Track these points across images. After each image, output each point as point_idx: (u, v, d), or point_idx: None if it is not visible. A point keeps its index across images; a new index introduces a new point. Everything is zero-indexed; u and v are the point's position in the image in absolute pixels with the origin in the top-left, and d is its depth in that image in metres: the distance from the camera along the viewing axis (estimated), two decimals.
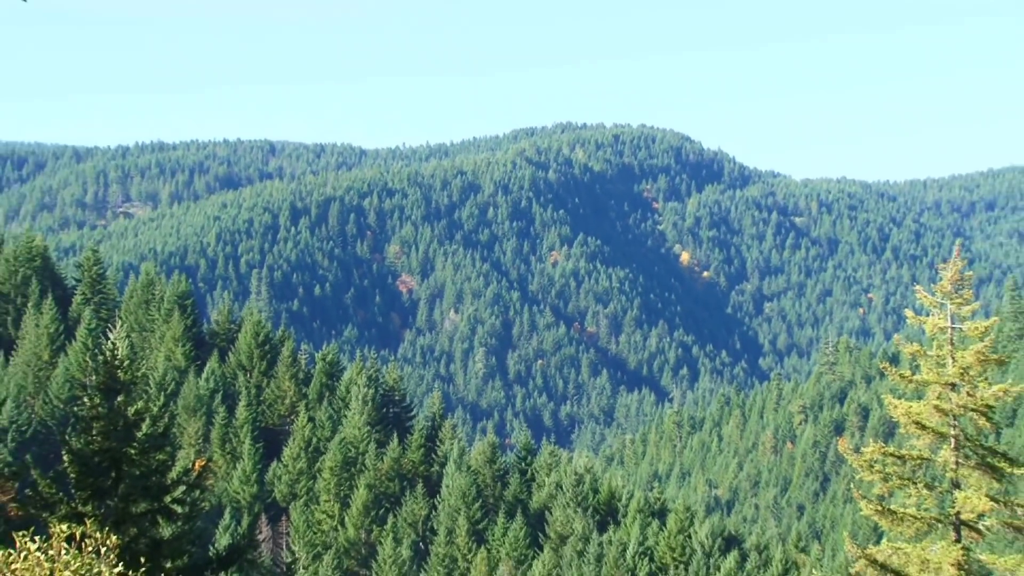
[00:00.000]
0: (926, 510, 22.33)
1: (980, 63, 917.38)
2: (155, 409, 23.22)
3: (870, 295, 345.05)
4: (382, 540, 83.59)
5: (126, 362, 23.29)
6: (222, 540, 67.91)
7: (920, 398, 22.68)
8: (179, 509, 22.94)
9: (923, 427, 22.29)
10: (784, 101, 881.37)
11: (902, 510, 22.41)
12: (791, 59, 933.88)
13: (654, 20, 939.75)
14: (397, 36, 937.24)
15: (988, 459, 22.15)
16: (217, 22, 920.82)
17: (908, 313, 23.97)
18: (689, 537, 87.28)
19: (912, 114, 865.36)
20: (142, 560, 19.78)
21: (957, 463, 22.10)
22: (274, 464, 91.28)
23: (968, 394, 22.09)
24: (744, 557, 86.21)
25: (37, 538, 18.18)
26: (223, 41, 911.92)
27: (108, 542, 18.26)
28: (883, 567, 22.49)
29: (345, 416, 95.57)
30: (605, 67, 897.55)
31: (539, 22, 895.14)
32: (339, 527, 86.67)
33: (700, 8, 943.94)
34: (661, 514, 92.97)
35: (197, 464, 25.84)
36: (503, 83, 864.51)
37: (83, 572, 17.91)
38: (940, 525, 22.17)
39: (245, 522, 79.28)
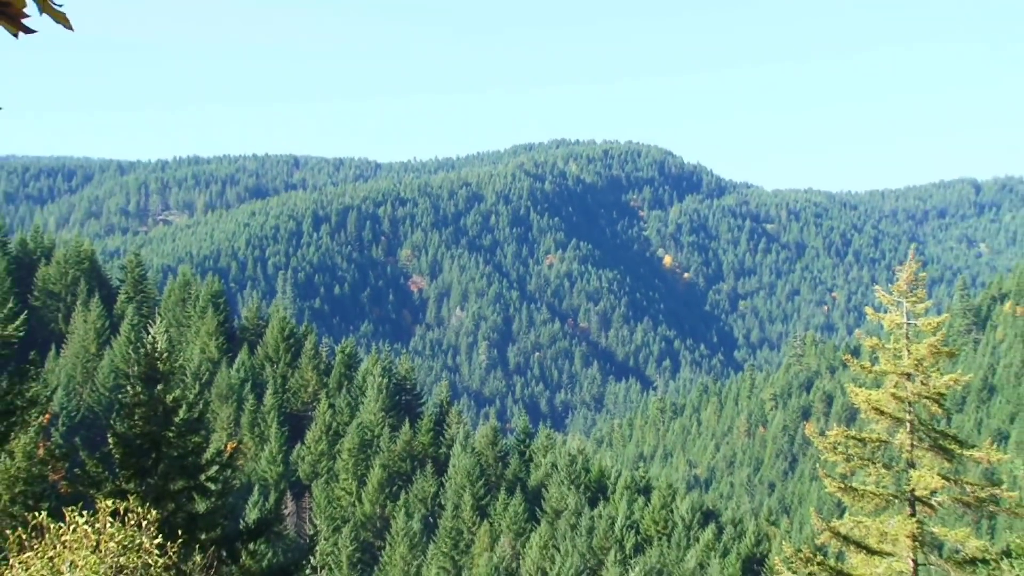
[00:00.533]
0: (884, 487, 22.40)
1: (933, 83, 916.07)
2: (191, 396, 23.28)
3: (834, 294, 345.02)
4: (395, 514, 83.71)
5: (165, 354, 23.40)
6: (251, 514, 67.92)
7: (879, 387, 22.76)
8: (212, 486, 23.02)
9: (881, 413, 22.38)
10: (757, 118, 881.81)
11: (862, 487, 22.49)
12: (764, 80, 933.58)
13: (640, 47, 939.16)
14: (408, 59, 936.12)
15: (940, 441, 22.23)
16: (247, 46, 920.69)
17: (868, 310, 24.06)
18: (671, 512, 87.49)
19: (871, 130, 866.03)
20: (179, 532, 19.93)
21: (912, 445, 22.17)
22: (298, 446, 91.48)
23: (922, 383, 22.18)
24: (720, 530, 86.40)
25: (85, 512, 18.31)
26: (253, 63, 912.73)
27: (148, 516, 18.39)
28: (845, 539, 22.59)
29: (362, 403, 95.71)
30: (596, 88, 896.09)
31: (537, 47, 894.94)
32: (356, 503, 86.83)
33: (682, 35, 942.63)
34: (646, 491, 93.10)
35: (229, 446, 25.95)
36: (504, 102, 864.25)
37: (126, 543, 18.02)
38: (896, 501, 22.25)
39: (272, 498, 79.36)
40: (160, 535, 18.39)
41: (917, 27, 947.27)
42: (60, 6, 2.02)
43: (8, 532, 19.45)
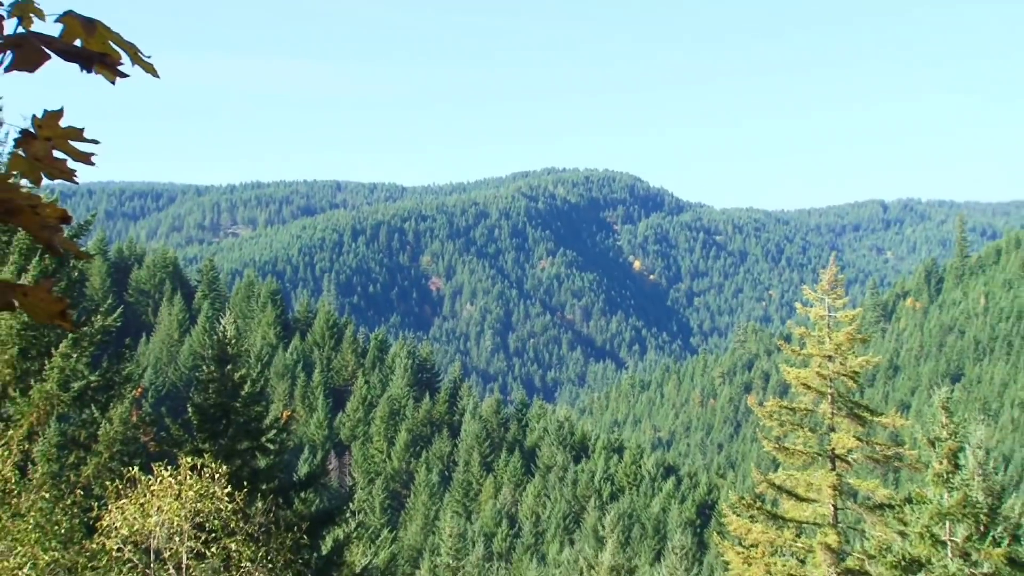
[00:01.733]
0: (810, 447, 22.41)
1: (850, 117, 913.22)
2: (254, 374, 23.29)
3: (770, 292, 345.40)
4: (418, 469, 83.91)
5: (233, 340, 23.42)
6: (302, 469, 67.94)
7: (806, 366, 22.76)
8: (271, 447, 23.04)
9: (808, 387, 22.39)
10: (709, 148, 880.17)
11: (793, 447, 22.49)
12: (716, 117, 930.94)
13: (615, 97, 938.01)
14: (430, 103, 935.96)
15: (854, 410, 22.23)
16: (299, 91, 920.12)
17: (798, 305, 24.05)
18: (639, 467, 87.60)
19: (801, 157, 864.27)
20: (244, 483, 19.95)
21: (832, 413, 22.18)
22: (340, 414, 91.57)
23: (840, 363, 22.19)
24: (679, 481, 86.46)
25: (169, 467, 18.34)
26: (303, 103, 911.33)
27: (220, 470, 18.41)
28: (779, 488, 22.60)
29: (391, 380, 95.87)
30: (582, 122, 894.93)
31: (531, 98, 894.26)
32: (387, 460, 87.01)
33: (650, 83, 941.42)
34: (619, 450, 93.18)
35: (284, 414, 25.98)
36: (506, 135, 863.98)
37: (202, 492, 18.03)
38: (820, 458, 22.26)
39: (319, 456, 79.26)
40: (229, 486, 18.41)
41: (841, 73, 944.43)
42: (148, 58, 2.00)
43: (108, 483, 19.44)
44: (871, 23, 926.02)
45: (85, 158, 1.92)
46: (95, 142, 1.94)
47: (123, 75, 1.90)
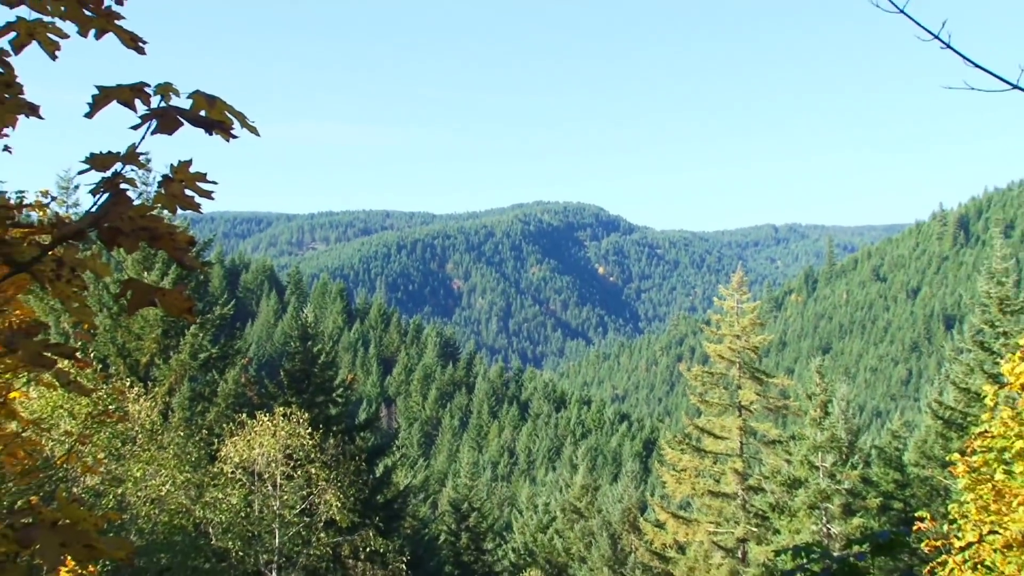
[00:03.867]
0: (723, 400, 22.40)
1: (755, 165, 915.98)
2: (327, 348, 23.29)
3: (695, 290, 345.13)
4: (443, 416, 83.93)
5: (312, 324, 23.44)
6: (361, 416, 68.03)
7: (721, 343, 22.75)
8: (339, 400, 23.07)
9: (722, 358, 22.39)
10: (654, 185, 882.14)
11: (711, 400, 22.50)
12: (658, 161, 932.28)
13: (587, 151, 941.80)
14: (453, 156, 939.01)
15: (755, 374, 22.22)
16: (359, 146, 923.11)
17: (716, 299, 24.05)
18: (602, 414, 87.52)
19: (717, 194, 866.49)
20: (320, 426, 20.00)
21: (739, 376, 22.18)
22: (388, 377, 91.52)
23: (745, 341, 22.18)
24: (630, 425, 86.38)
25: (267, 414, 18.35)
26: (363, 154, 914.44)
27: (303, 417, 18.43)
28: (702, 430, 22.60)
29: (424, 352, 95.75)
30: (561, 169, 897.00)
31: (525, 153, 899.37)
32: (421, 409, 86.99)
33: (612, 128, 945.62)
34: (588, 403, 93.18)
35: (348, 377, 25.96)
36: (507, 178, 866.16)
37: (290, 432, 18.04)
38: (730, 408, 22.25)
39: (373, 407, 79.16)
40: (310, 427, 18.43)
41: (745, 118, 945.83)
42: (253, 123, 1.98)
43: (224, 426, 19.45)
44: (763, 104, 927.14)
45: (207, 194, 1.91)
46: (214, 183, 1.93)
47: (234, 136, 1.90)
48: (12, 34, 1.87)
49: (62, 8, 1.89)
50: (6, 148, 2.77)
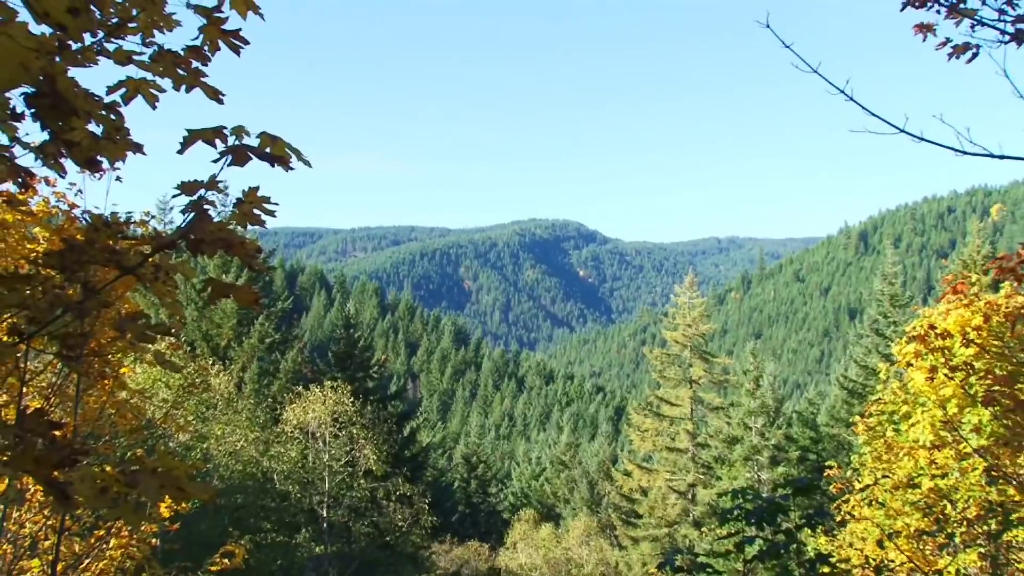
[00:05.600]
0: (678, 375, 22.39)
1: (704, 189, 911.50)
2: (365, 335, 23.26)
3: (656, 289, 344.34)
4: (456, 389, 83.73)
5: (353, 316, 23.44)
6: (392, 388, 68.02)
7: (676, 330, 22.73)
8: (375, 376, 23.05)
9: (677, 342, 22.37)
10: (625, 205, 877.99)
11: (669, 375, 22.50)
12: (628, 186, 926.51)
13: (570, 180, 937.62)
14: (464, 185, 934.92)
15: (703, 355, 22.20)
16: (389, 175, 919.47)
17: (672, 297, 24.03)
18: (582, 387, 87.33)
19: (674, 213, 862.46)
20: (360, 396, 19.97)
21: (691, 356, 22.18)
22: (413, 357, 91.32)
23: (695, 329, 22.17)
24: (605, 395, 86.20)
25: (318, 387, 18.34)
26: (393, 181, 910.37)
27: (346, 389, 18.42)
28: (661, 399, 22.57)
29: (442, 338, 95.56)
30: (550, 193, 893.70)
31: (522, 181, 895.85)
32: (440, 383, 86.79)
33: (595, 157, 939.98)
34: (571, 378, 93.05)
35: (382, 358, 25.95)
36: (508, 200, 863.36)
37: (336, 400, 18.03)
38: (683, 382, 22.23)
39: (401, 382, 79.31)
40: (352, 397, 18.41)
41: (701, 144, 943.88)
42: (306, 157, 2.02)
43: (285, 395, 19.45)
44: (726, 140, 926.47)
45: (270, 213, 1.94)
46: (275, 204, 1.96)
47: (292, 168, 1.93)
48: (123, 89, 1.91)
49: (161, 68, 1.93)
50: (118, 178, 2.83)
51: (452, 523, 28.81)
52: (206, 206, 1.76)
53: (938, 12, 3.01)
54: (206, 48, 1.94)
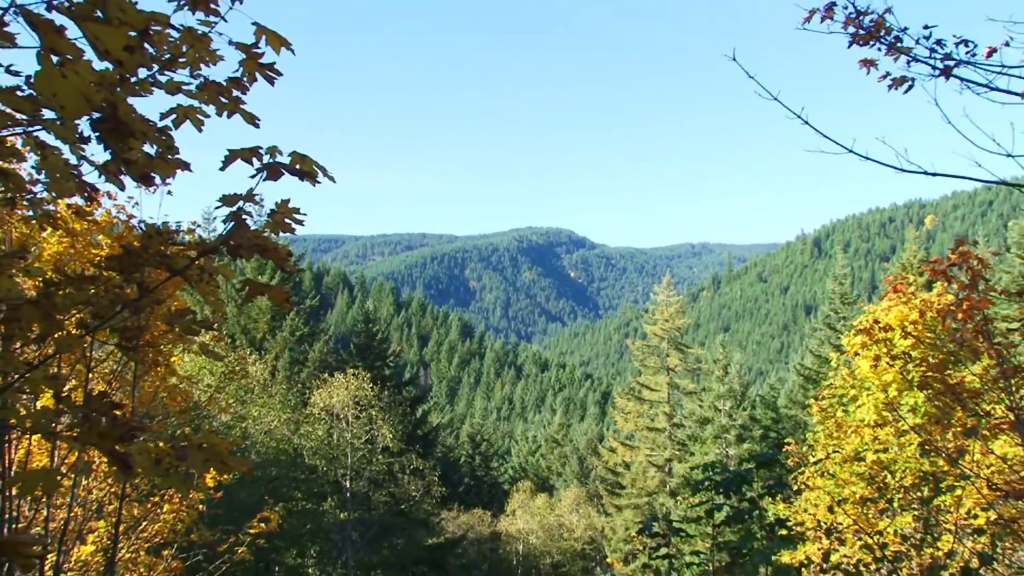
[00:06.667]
0: (656, 364, 22.36)
1: (679, 201, 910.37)
2: (383, 329, 23.20)
3: (638, 288, 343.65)
4: (463, 376, 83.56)
5: (372, 312, 23.39)
6: (406, 376, 67.95)
7: (655, 325, 22.71)
8: (391, 365, 23.00)
9: (656, 335, 22.35)
10: (611, 215, 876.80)
11: (648, 364, 22.48)
12: (614, 198, 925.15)
13: (562, 192, 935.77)
14: (469, 199, 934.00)
15: (678, 346, 22.17)
16: (401, 189, 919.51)
17: (652, 295, 23.99)
18: (573, 374, 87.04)
19: (654, 222, 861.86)
20: (378, 382, 19.94)
21: (668, 347, 22.16)
22: (424, 348, 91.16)
23: (672, 323, 22.15)
24: (593, 382, 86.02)
25: (342, 374, 18.32)
26: (405, 195, 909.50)
27: (366, 376, 18.39)
28: (642, 385, 22.55)
29: (449, 332, 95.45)
30: (545, 204, 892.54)
31: (521, 195, 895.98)
32: (448, 370, 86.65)
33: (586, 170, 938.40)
34: (563, 366, 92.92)
35: (397, 349, 25.93)
36: (508, 212, 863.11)
37: (357, 386, 18.01)
38: (661, 369, 22.21)
39: (414, 370, 79.38)
40: (371, 383, 18.40)
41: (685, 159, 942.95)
42: (331, 173, 2.05)
43: (314, 381, 19.40)
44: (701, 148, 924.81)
45: (300, 222, 1.97)
46: (304, 214, 1.99)
47: (318, 182, 1.96)
48: (174, 115, 1.94)
49: (206, 97, 1.95)
50: (169, 192, 2.88)
51: (459, 493, 28.81)
52: (244, 216, 1.79)
53: (879, 49, 3.05)
54: (245, 79, 1.96)
